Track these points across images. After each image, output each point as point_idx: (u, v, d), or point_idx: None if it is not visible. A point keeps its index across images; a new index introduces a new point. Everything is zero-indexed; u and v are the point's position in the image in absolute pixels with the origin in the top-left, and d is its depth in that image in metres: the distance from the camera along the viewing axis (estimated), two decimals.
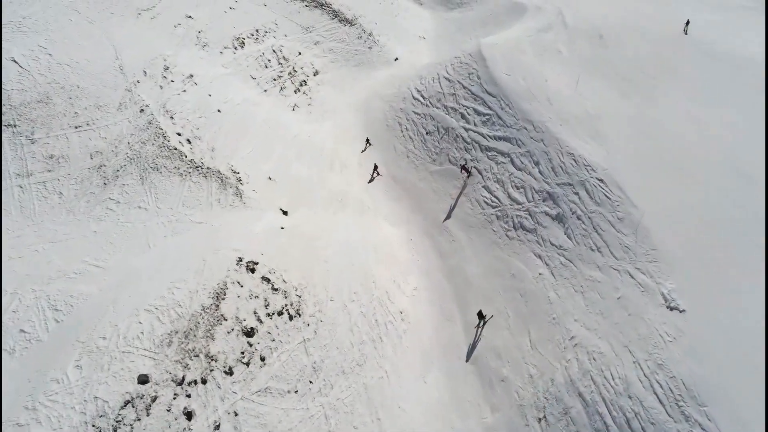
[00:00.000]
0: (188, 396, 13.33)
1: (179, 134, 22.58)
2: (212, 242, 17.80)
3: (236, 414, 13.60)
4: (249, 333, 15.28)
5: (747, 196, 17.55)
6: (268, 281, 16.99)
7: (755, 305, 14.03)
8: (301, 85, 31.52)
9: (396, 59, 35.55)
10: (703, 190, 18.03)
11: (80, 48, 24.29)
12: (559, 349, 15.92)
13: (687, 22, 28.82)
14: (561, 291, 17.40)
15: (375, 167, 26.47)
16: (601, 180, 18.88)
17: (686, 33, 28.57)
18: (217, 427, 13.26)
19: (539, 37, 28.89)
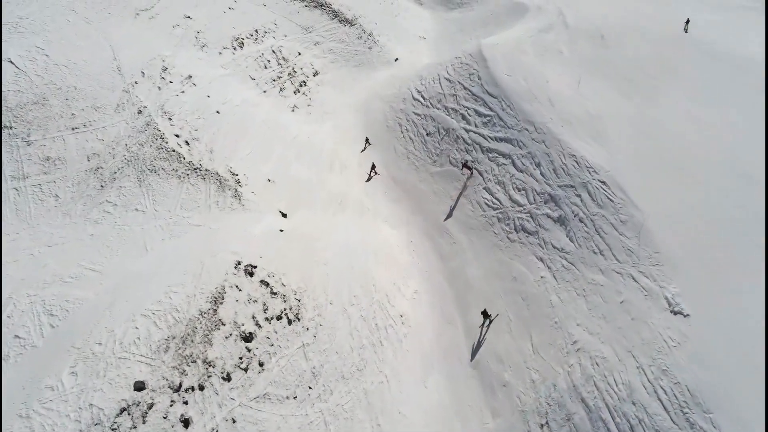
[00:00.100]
0: (185, 403, 13.13)
1: (177, 136, 22.38)
2: (210, 245, 17.61)
3: (234, 421, 13.40)
4: (247, 338, 15.07)
5: (749, 198, 17.37)
6: (267, 285, 16.79)
7: (761, 310, 13.83)
8: (301, 86, 31.32)
9: (396, 60, 35.36)
10: (706, 192, 17.86)
11: (77, 49, 24.10)
12: (562, 354, 15.73)
13: (687, 21, 28.78)
14: (563, 294, 17.21)
15: (373, 166, 26.36)
16: (604, 182, 18.70)
17: (686, 31, 28.49)
18: None
19: (540, 38, 28.72)
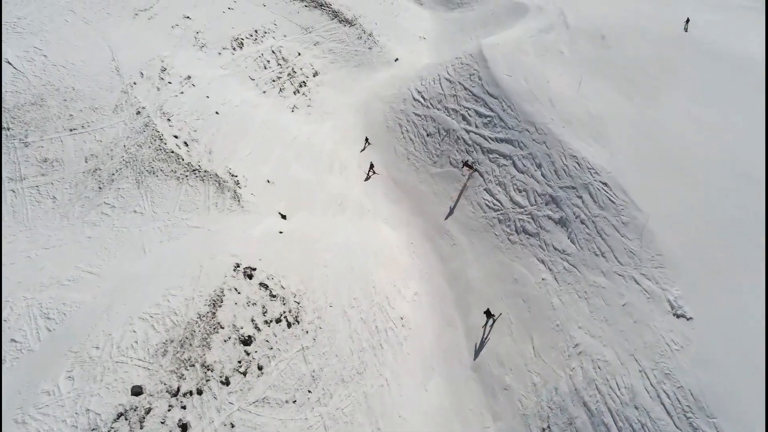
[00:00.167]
0: (183, 407, 12.99)
1: (176, 137, 22.24)
2: (209, 247, 17.47)
3: (233, 425, 13.27)
4: (246, 341, 14.94)
5: (751, 198, 17.21)
6: (266, 287, 16.66)
7: (765, 312, 13.69)
8: (301, 86, 31.18)
9: (396, 60, 35.22)
10: (708, 193, 17.69)
11: (76, 49, 23.96)
12: (563, 357, 15.59)
13: (687, 20, 28.69)
14: (564, 297, 17.08)
15: (371, 165, 26.31)
16: (605, 183, 18.55)
17: (686, 31, 28.40)
18: None
19: (541, 38, 28.55)
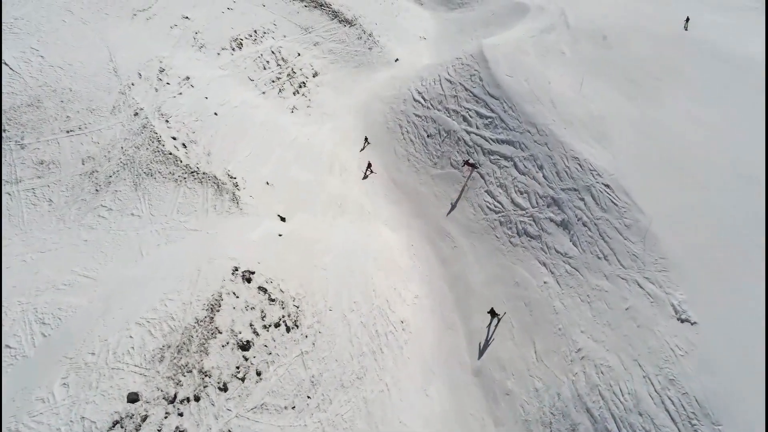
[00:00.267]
0: (180, 414, 12.79)
1: (174, 138, 22.04)
2: (207, 251, 17.27)
3: None
4: (245, 346, 14.73)
5: (755, 200, 17.05)
6: (265, 291, 16.46)
7: None
8: (300, 87, 30.98)
9: (396, 60, 35.04)
10: (711, 195, 17.55)
11: (73, 50, 23.77)
12: (566, 362, 15.41)
13: (687, 19, 28.79)
14: (567, 300, 16.89)
15: (369, 165, 26.24)
16: (607, 185, 18.38)
17: (686, 29, 28.47)
18: None
19: (542, 38, 28.40)
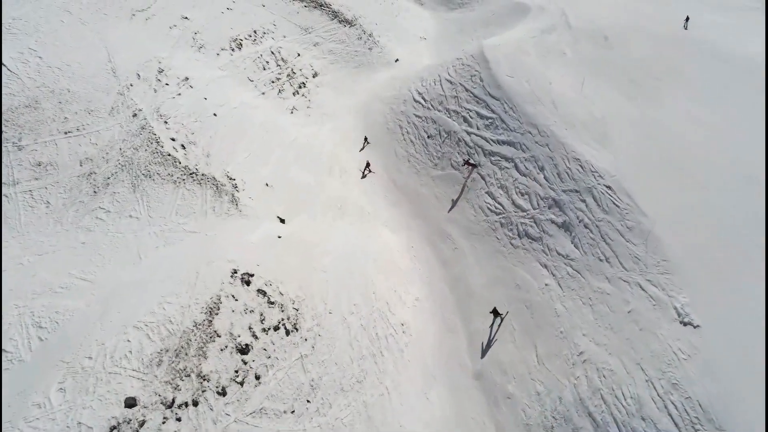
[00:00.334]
0: (178, 420, 12.66)
1: (173, 139, 21.91)
2: (206, 253, 17.14)
3: None
4: (243, 350, 14.61)
5: (758, 202, 16.89)
6: (264, 294, 16.33)
7: None
8: (300, 87, 30.85)
9: (396, 60, 34.89)
10: (714, 197, 17.38)
11: (72, 50, 23.64)
12: (568, 365, 15.26)
13: (687, 18, 28.79)
14: (568, 303, 16.75)
15: (367, 164, 26.16)
16: (609, 187, 18.22)
17: (686, 28, 28.46)
18: None
19: (543, 38, 28.22)
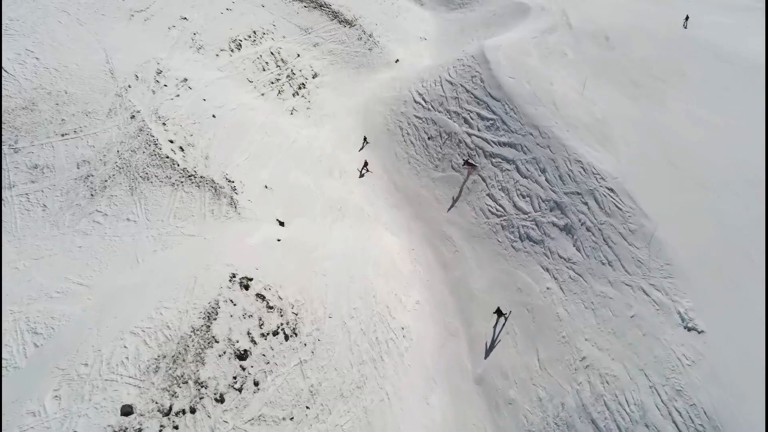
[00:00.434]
0: (176, 428, 12.47)
1: (172, 141, 21.72)
2: (204, 257, 16.96)
3: None
4: (242, 356, 14.43)
5: (762, 205, 16.71)
6: (263, 298, 16.15)
7: None
8: (300, 88, 30.67)
9: (397, 61, 34.72)
10: (718, 200, 17.25)
11: (69, 51, 23.42)
12: (570, 371, 15.08)
13: (686, 17, 28.90)
14: (570, 307, 16.56)
15: (365, 163, 26.06)
16: (611, 189, 18.05)
17: (686, 27, 28.58)
18: None
19: (544, 39, 28.07)
